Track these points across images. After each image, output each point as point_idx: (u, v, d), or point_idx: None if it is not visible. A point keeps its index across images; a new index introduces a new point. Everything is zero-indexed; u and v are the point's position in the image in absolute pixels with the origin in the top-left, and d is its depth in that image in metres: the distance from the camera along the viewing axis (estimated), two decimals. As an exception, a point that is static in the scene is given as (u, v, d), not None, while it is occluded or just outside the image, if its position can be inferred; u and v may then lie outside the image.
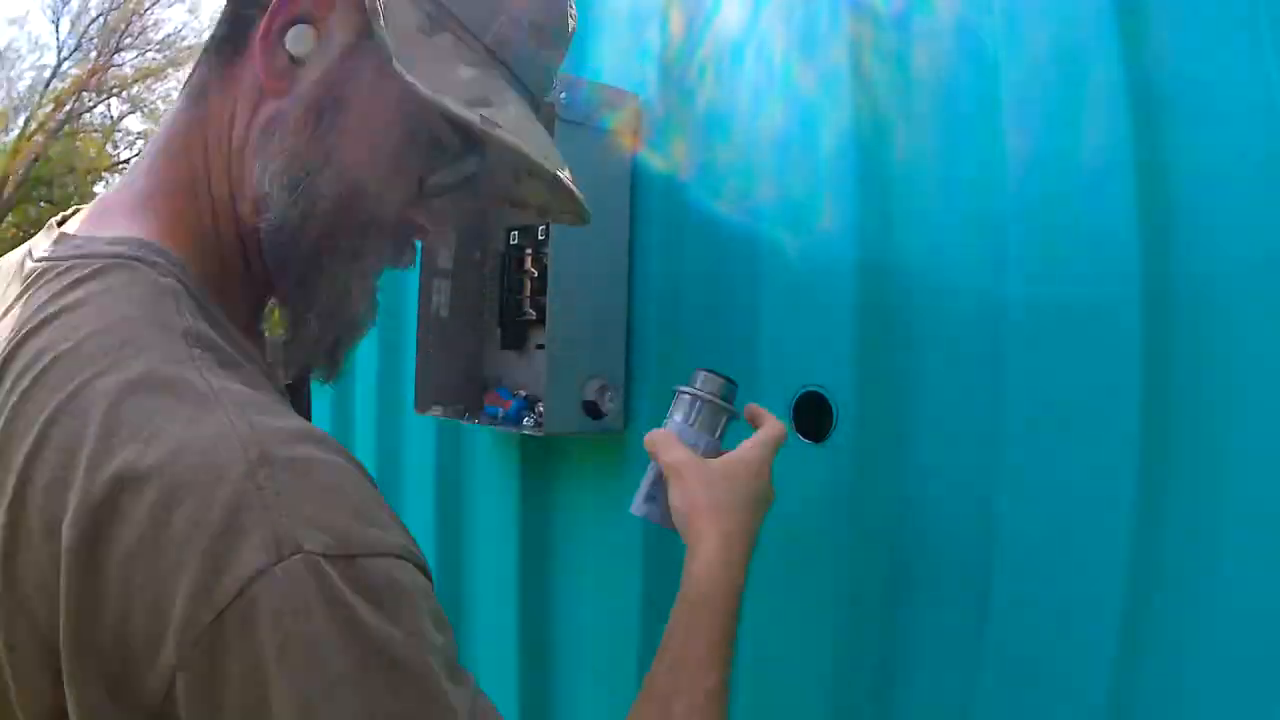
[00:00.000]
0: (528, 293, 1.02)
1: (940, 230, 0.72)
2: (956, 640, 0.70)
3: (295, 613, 0.36)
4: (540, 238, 1.00)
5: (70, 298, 0.43)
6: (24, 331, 0.43)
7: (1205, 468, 0.58)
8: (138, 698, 0.37)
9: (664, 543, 0.93)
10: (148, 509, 0.36)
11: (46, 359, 0.41)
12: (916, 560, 0.73)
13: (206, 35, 0.51)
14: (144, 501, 0.37)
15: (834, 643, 0.76)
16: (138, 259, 0.45)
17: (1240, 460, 0.56)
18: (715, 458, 0.67)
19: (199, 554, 0.36)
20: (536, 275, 1.00)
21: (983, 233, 0.69)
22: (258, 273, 0.52)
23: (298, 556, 0.36)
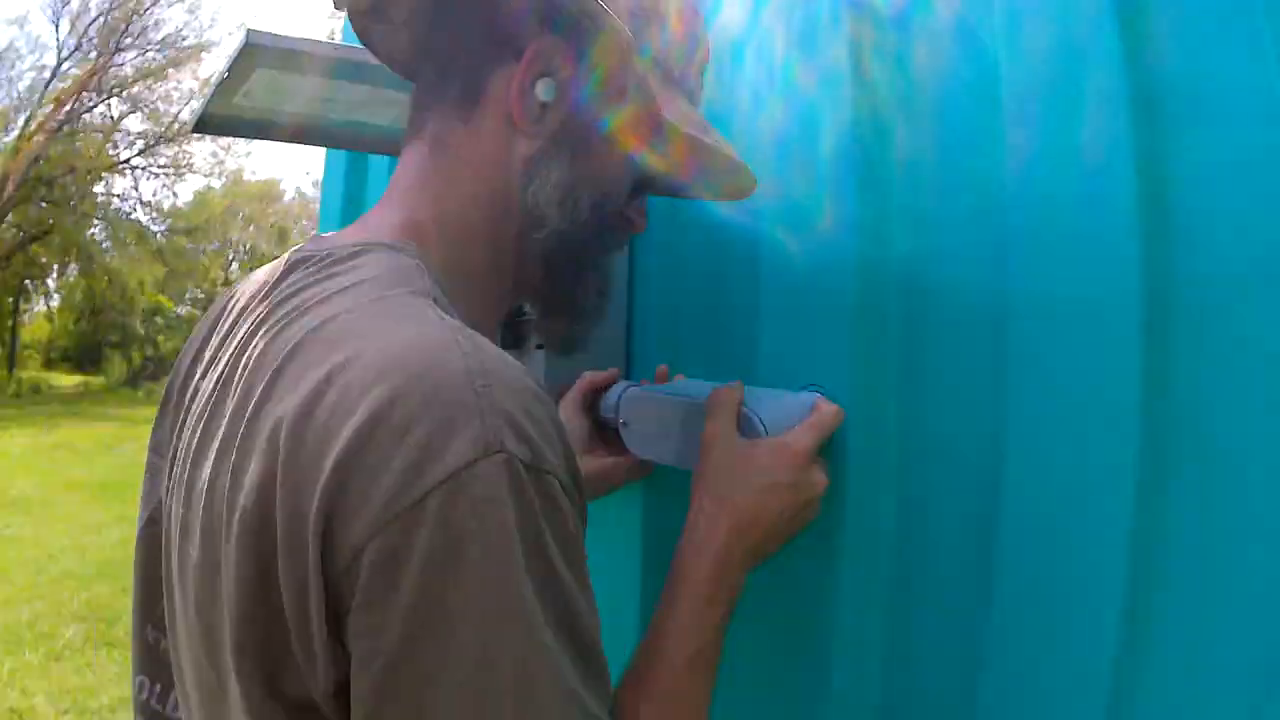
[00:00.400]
0: (528, 293, 1.02)
1: (940, 230, 0.72)
2: (957, 640, 0.70)
3: (492, 502, 0.40)
4: (540, 238, 1.00)
5: (331, 271, 0.52)
6: (292, 305, 0.51)
7: (1205, 467, 0.58)
8: (314, 566, 0.41)
9: (665, 543, 0.93)
10: (370, 398, 0.41)
11: (310, 317, 0.49)
12: (917, 560, 0.73)
13: (439, 99, 0.62)
14: (364, 389, 0.41)
15: (835, 643, 0.76)
16: (386, 245, 0.54)
17: (1241, 459, 0.56)
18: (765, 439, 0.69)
19: (414, 442, 0.40)
20: (536, 275, 1.00)
21: (983, 232, 0.69)
22: (506, 282, 0.63)
23: (501, 455, 0.40)
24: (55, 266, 21.79)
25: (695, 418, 0.72)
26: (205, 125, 0.90)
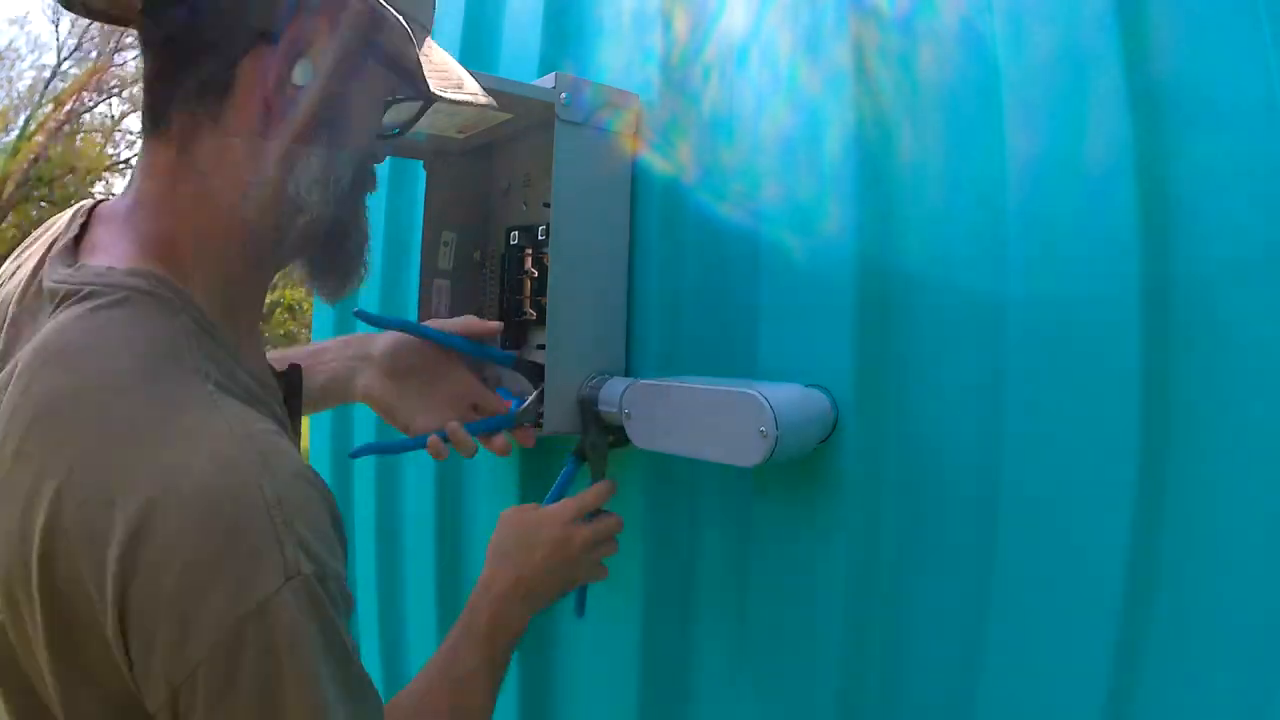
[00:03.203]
0: (528, 293, 1.02)
1: (941, 231, 0.72)
2: (957, 640, 0.70)
3: (296, 620, 0.46)
4: (540, 238, 1.00)
5: (92, 324, 0.50)
6: (45, 357, 0.49)
7: (1204, 468, 0.58)
8: (131, 698, 0.46)
9: (664, 541, 0.93)
10: (176, 533, 0.44)
11: (68, 393, 0.48)
12: (917, 560, 0.73)
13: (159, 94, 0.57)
14: (173, 525, 0.44)
15: (838, 642, 0.76)
16: (147, 290, 0.52)
17: (1240, 460, 0.56)
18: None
19: (226, 574, 0.44)
20: (536, 275, 1.00)
21: (984, 233, 0.69)
22: (268, 269, 0.63)
23: (298, 579, 0.46)
24: (55, 266, 21.72)
25: (714, 407, 0.73)
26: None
